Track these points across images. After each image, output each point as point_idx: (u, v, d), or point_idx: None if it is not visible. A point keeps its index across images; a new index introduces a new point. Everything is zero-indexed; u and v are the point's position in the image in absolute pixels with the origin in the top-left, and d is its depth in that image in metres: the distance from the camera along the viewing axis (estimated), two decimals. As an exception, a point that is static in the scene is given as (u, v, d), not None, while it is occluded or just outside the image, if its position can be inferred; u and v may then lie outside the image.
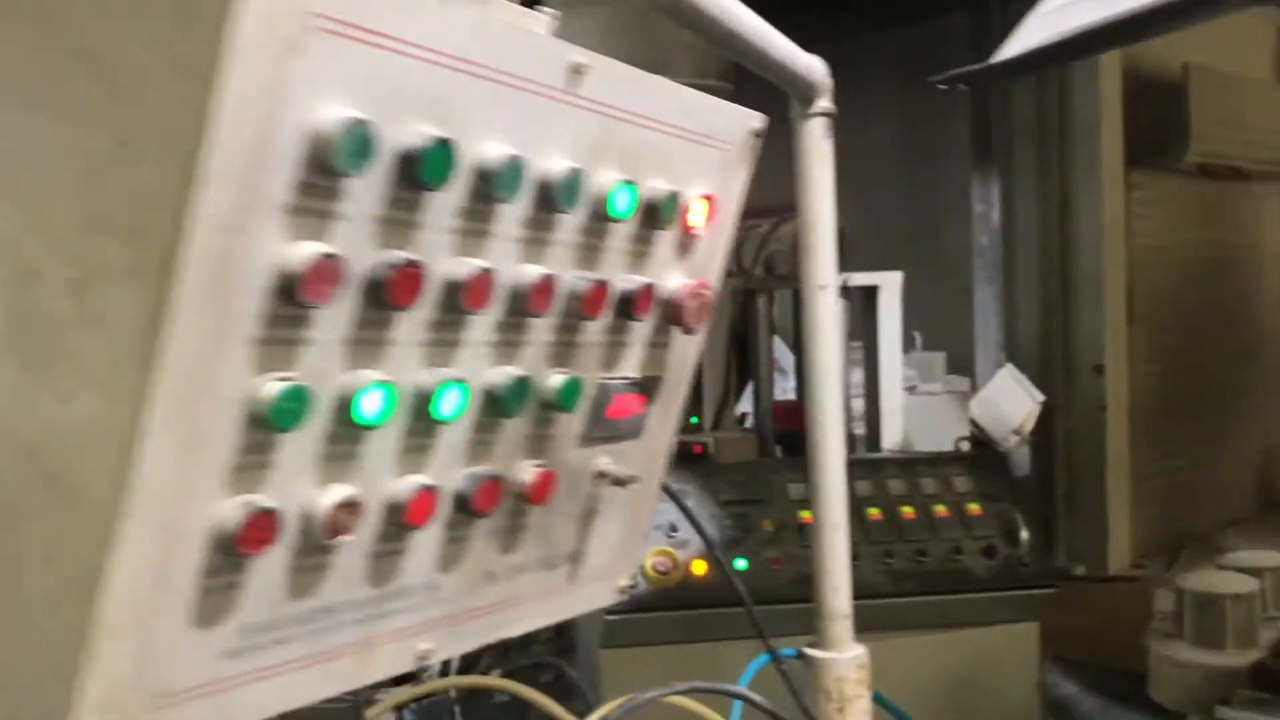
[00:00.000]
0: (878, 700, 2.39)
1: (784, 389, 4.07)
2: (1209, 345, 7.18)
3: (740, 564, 3.05)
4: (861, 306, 3.51)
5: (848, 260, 3.47)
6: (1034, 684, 3.21)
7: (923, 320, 5.79)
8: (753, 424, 3.58)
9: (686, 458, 3.38)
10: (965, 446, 3.34)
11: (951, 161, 5.74)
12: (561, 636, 3.80)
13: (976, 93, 5.31)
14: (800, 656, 2.31)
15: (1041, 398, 5.24)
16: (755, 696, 1.91)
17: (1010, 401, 5.24)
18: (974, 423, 5.12)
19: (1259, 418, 7.60)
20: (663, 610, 2.97)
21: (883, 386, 3.48)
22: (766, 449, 3.40)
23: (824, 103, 2.26)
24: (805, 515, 3.23)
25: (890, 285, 3.43)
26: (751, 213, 2.09)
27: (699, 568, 3.04)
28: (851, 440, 3.65)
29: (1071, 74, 6.17)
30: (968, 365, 5.70)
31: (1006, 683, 3.15)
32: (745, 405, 3.85)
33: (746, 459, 3.28)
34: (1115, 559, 6.54)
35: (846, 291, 3.45)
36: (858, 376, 3.69)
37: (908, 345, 5.51)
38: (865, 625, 3.24)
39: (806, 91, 2.08)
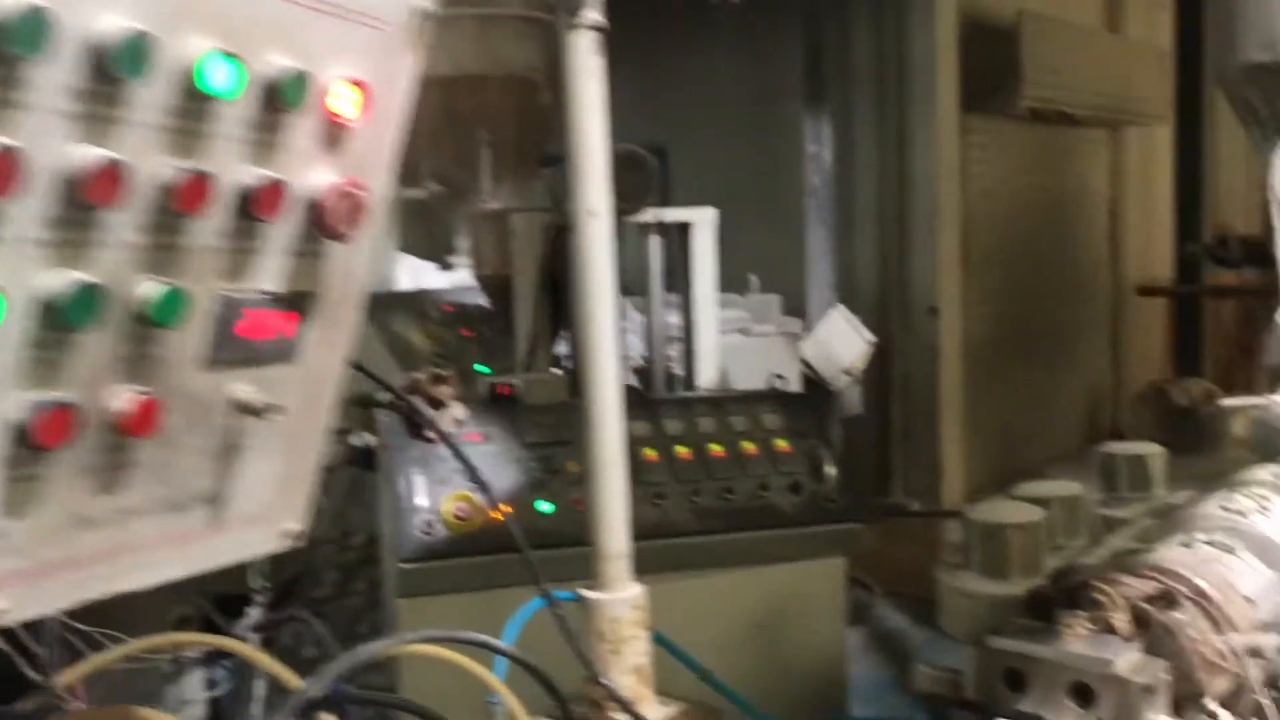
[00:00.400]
0: (658, 641, 2.28)
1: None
2: (1039, 287, 7.29)
3: (545, 506, 2.90)
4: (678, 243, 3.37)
5: (655, 193, 3.34)
6: (841, 618, 3.16)
7: (761, 263, 5.71)
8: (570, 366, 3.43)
9: (494, 399, 3.22)
10: (779, 384, 3.25)
11: (789, 102, 5.64)
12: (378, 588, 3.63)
13: (811, 33, 5.22)
14: (578, 599, 2.19)
15: (872, 338, 5.19)
16: (493, 641, 1.76)
17: (841, 342, 5.19)
18: (806, 363, 5.07)
19: (1085, 357, 7.77)
20: (464, 557, 2.81)
21: (698, 325, 3.36)
22: (578, 390, 3.24)
23: (591, 14, 2.09)
24: (612, 456, 3.10)
25: (704, 222, 3.30)
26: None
27: (500, 512, 2.88)
28: (671, 380, 3.53)
29: (908, 18, 6.12)
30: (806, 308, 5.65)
31: (814, 618, 3.08)
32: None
33: (557, 400, 3.13)
34: (949, 494, 6.61)
35: (661, 228, 3.31)
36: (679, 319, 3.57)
37: (743, 288, 5.43)
38: (672, 564, 3.14)
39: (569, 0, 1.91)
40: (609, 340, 2.05)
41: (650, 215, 3.27)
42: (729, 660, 2.99)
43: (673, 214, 3.26)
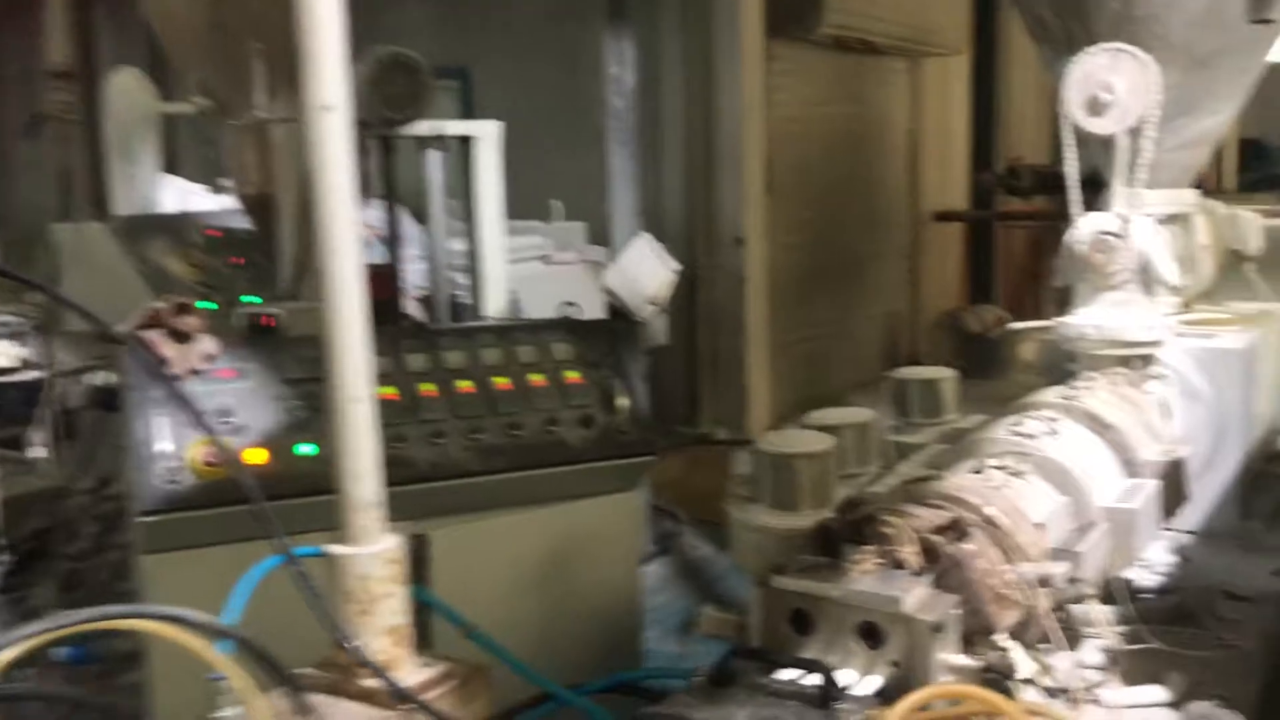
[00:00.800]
0: (421, 598, 2.04)
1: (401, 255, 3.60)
2: (841, 217, 7.25)
3: (307, 449, 2.59)
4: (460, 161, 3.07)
5: (431, 102, 3.03)
6: (636, 554, 2.97)
7: (566, 190, 5.44)
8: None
9: (254, 331, 2.88)
10: (571, 313, 3.01)
11: (592, 21, 5.35)
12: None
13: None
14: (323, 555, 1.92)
15: (677, 267, 5.00)
16: (176, 611, 1.48)
17: (646, 271, 4.98)
18: (610, 292, 4.85)
19: (884, 285, 7.82)
20: (215, 507, 2.48)
21: (484, 249, 3.08)
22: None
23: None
24: (388, 392, 2.81)
25: (487, 136, 3.01)
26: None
27: (257, 456, 2.56)
28: (458, 311, 3.25)
29: (711, -61, 5.90)
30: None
31: (609, 555, 2.88)
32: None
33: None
34: (755, 423, 6.55)
35: (440, 142, 3.00)
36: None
37: (546, 214, 5.16)
38: (454, 507, 2.89)
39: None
40: (350, 254, 1.76)
41: (427, 128, 2.95)
42: (520, 605, 2.77)
43: (453, 127, 2.96)
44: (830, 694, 1.57)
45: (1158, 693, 2.25)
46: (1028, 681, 1.85)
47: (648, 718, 1.46)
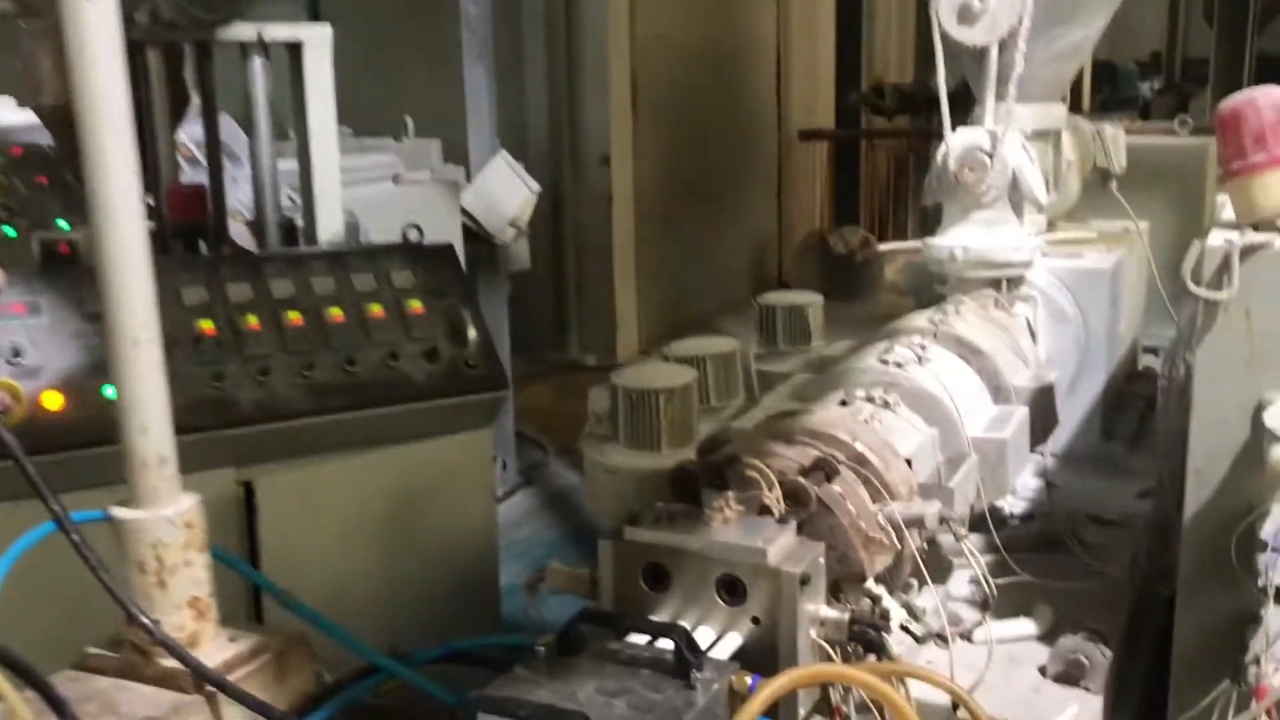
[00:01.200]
0: (223, 560, 1.78)
1: (235, 177, 3.25)
2: (708, 137, 7.03)
3: (111, 391, 2.28)
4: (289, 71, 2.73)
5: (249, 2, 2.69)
6: (490, 493, 2.75)
7: (420, 106, 5.07)
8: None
9: (50, 259, 2.53)
10: (414, 236, 2.73)
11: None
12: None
13: None
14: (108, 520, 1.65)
15: (537, 188, 4.73)
16: None
17: (505, 191, 4.70)
18: (468, 214, 4.56)
19: (752, 206, 7.67)
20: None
21: (316, 166, 2.76)
22: (161, 245, 2.61)
23: None
24: (205, 325, 2.50)
25: (317, 42, 2.68)
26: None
27: (52, 401, 2.24)
28: (292, 233, 2.93)
29: None
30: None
31: (461, 497, 2.65)
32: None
33: (134, 259, 2.47)
34: (624, 348, 6.36)
35: (263, 48, 2.66)
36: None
37: (398, 131, 4.81)
38: (284, 451, 2.61)
39: None
40: (121, 171, 1.47)
41: (251, 31, 2.60)
42: (363, 556, 2.53)
43: (277, 31, 2.61)
44: (686, 662, 1.39)
45: (1027, 626, 2.16)
46: (904, 629, 1.71)
47: (476, 702, 1.25)
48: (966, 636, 2.03)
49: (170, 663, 1.52)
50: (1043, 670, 2.02)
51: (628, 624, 1.47)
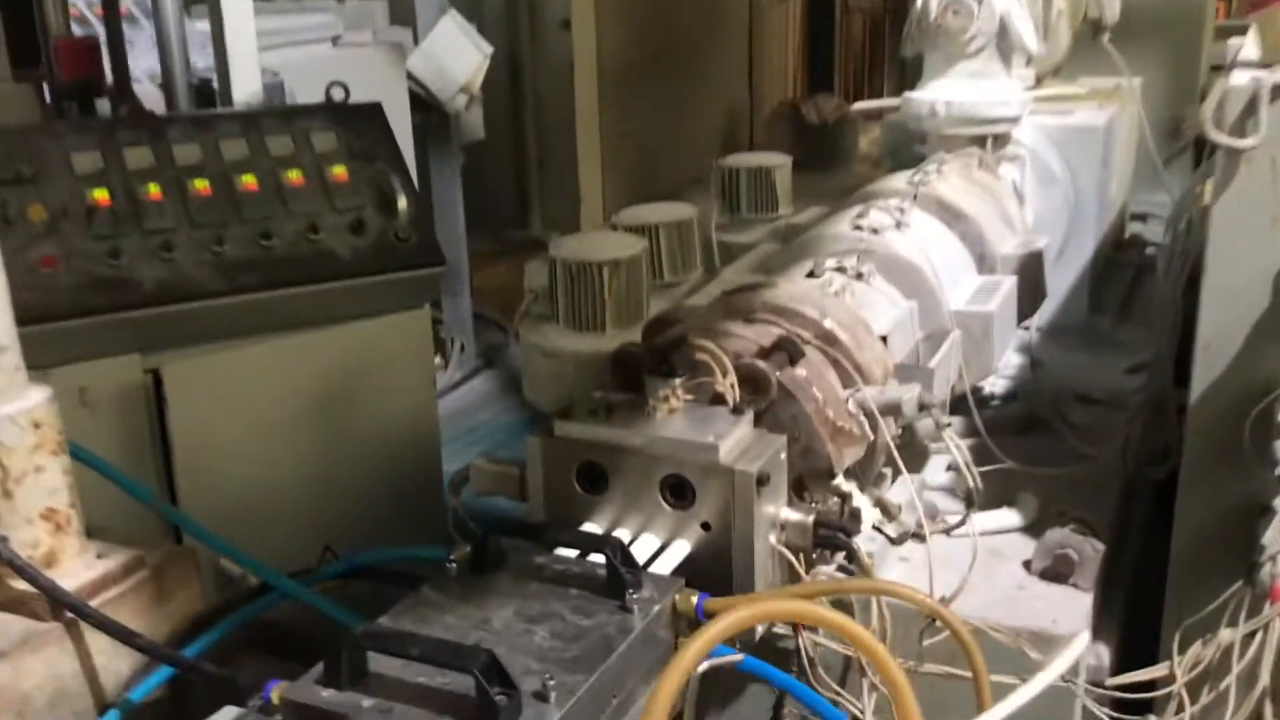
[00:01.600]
0: (80, 458, 1.51)
1: (133, 40, 2.90)
2: (676, 3, 6.62)
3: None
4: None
5: None
6: (429, 378, 2.50)
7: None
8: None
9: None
10: (338, 95, 2.41)
11: None
12: None
13: None
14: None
15: (489, 49, 4.36)
16: None
17: (455, 55, 4.32)
18: (415, 80, 4.20)
19: (722, 74, 7.26)
20: None
21: (228, 20, 2.42)
22: (53, 108, 2.29)
23: None
24: (99, 195, 2.19)
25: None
26: None
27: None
28: (208, 95, 2.61)
29: None
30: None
31: (396, 385, 2.39)
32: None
33: (14, 122, 2.17)
34: (589, 224, 6.05)
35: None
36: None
37: (338, -11, 4.41)
38: (191, 336, 2.32)
39: None
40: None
41: None
42: (291, 447, 2.28)
43: None
44: (621, 580, 1.16)
45: (1010, 517, 1.95)
46: (877, 530, 1.49)
47: (364, 640, 1.02)
48: (945, 533, 1.81)
49: (23, 586, 1.28)
50: (1027, 565, 1.82)
51: (550, 537, 1.23)
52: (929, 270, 1.89)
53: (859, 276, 1.76)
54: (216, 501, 2.17)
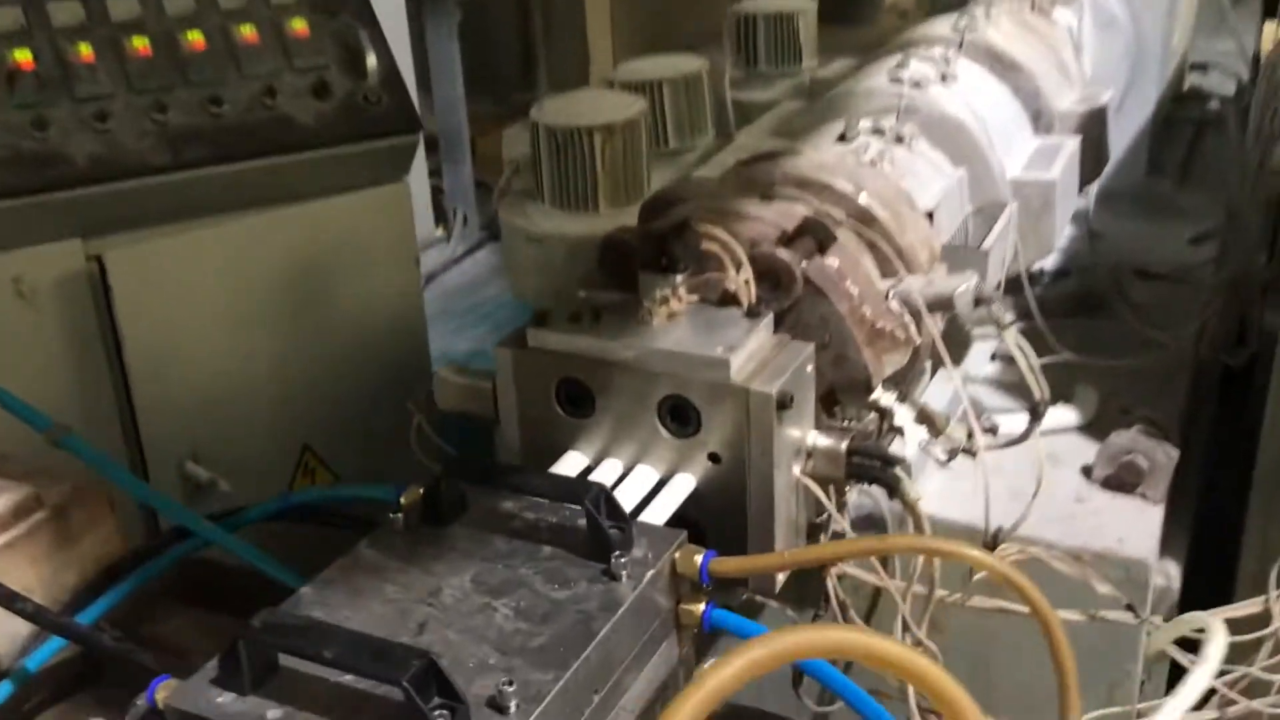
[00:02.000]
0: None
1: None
2: None
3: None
4: None
5: None
6: (411, 259, 2.21)
7: None
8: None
9: None
10: (297, -64, 2.07)
11: None
12: None
13: None
14: None
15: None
16: None
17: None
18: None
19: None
20: None
21: None
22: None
23: None
24: (21, 57, 1.87)
25: None
26: None
27: None
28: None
29: None
30: None
31: (375, 263, 2.11)
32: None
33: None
34: (599, 82, 5.68)
35: None
36: None
37: None
38: (135, 217, 1.96)
39: None
40: None
41: None
42: (257, 338, 2.03)
43: None
44: (606, 538, 0.90)
45: (1067, 416, 1.68)
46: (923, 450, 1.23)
47: (268, 632, 0.77)
48: (992, 430, 1.55)
49: (-111, 535, 1.05)
50: (1086, 471, 1.55)
51: (513, 482, 0.97)
52: (979, 131, 1.57)
53: (899, 140, 1.45)
54: (177, 402, 1.93)
